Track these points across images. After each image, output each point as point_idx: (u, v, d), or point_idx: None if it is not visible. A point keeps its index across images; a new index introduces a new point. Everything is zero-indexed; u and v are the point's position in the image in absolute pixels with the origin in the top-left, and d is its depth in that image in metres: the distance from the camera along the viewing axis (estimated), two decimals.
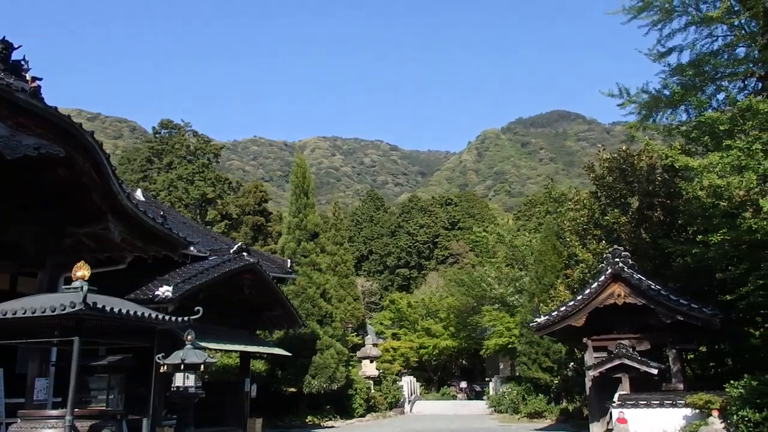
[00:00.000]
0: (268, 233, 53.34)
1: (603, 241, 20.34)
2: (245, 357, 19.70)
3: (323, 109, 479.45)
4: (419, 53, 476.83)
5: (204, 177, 53.30)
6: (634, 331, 16.96)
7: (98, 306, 7.88)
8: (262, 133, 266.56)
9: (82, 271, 8.52)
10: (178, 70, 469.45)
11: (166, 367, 9.96)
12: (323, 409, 23.79)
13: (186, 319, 9.66)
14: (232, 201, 54.78)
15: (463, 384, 42.84)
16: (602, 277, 16.89)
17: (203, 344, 13.00)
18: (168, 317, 9.45)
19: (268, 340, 21.68)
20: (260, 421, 18.93)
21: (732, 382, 13.07)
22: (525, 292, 28.78)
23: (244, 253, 17.74)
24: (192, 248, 15.26)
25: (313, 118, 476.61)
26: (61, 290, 9.68)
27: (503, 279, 34.24)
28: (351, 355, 28.59)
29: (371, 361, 30.71)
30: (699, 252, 14.65)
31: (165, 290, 14.00)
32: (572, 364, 23.76)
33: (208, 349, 14.11)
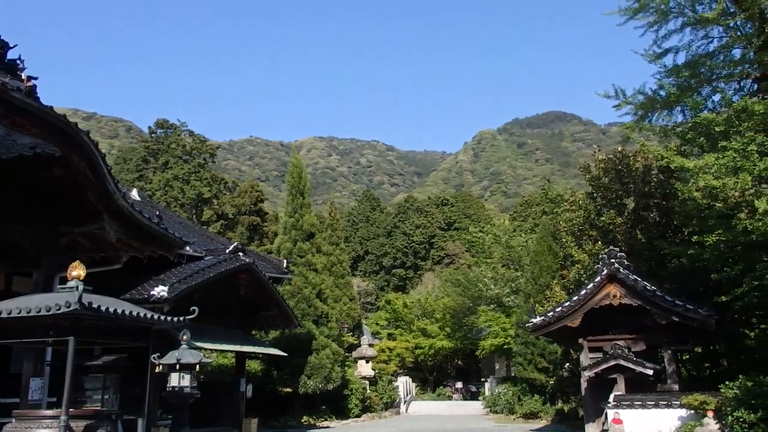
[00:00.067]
0: (264, 233, 53.25)
1: (599, 241, 20.35)
2: (241, 357, 19.69)
3: (320, 110, 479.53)
4: (416, 54, 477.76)
5: (200, 177, 53.25)
6: (630, 332, 16.98)
7: (93, 306, 7.87)
8: (259, 133, 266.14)
9: (77, 270, 8.52)
10: (175, 70, 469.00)
11: (161, 367, 9.93)
12: (319, 410, 23.80)
13: (181, 319, 9.67)
14: (228, 201, 54.68)
15: (458, 384, 42.87)
16: (598, 278, 16.89)
17: (199, 344, 12.96)
18: (163, 317, 9.46)
19: (263, 340, 21.65)
20: (256, 422, 18.95)
21: (727, 382, 13.09)
22: (521, 292, 28.78)
23: (240, 253, 17.74)
24: (188, 248, 15.28)
25: (309, 118, 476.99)
26: (57, 290, 9.69)
27: (499, 279, 34.23)
28: (347, 355, 28.57)
29: (367, 362, 30.71)
30: (694, 253, 14.69)
31: (160, 290, 14.00)
32: (568, 364, 23.83)
33: (203, 349, 14.08)
